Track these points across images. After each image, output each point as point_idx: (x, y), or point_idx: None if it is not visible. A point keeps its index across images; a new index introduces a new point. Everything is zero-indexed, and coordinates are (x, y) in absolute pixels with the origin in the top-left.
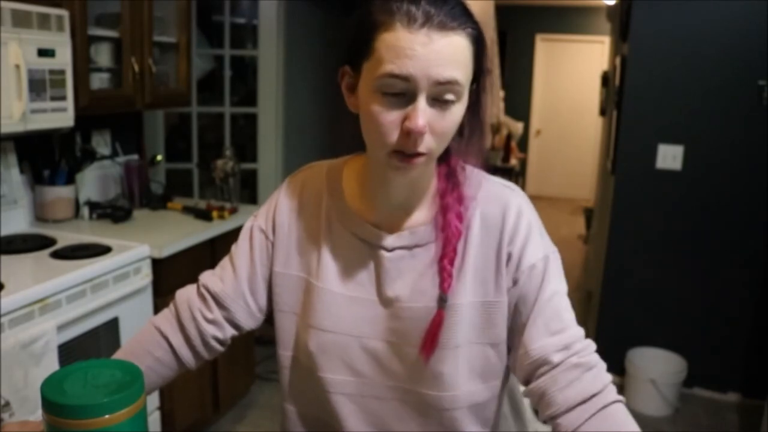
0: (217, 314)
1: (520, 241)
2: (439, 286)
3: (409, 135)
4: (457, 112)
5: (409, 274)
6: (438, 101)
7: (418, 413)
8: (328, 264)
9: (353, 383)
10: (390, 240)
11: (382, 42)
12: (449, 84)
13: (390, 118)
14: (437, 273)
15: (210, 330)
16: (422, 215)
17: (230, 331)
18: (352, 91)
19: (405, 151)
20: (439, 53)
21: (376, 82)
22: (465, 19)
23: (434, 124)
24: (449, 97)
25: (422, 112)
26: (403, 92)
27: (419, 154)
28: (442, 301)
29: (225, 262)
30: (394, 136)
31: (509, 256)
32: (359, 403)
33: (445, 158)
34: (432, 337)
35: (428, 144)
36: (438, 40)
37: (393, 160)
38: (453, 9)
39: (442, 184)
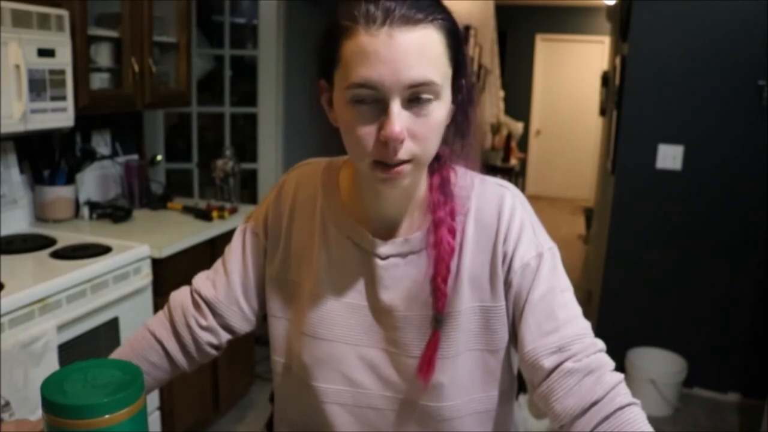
0: (211, 321)
1: (513, 241)
2: (433, 306)
3: (387, 144)
4: (438, 111)
5: (404, 282)
6: (414, 103)
7: (417, 424)
8: (323, 269)
9: (349, 393)
10: (384, 248)
11: (346, 49)
12: (423, 85)
13: (366, 128)
14: (431, 291)
15: (205, 337)
16: (416, 222)
17: (225, 336)
18: (331, 105)
19: (386, 162)
20: (405, 52)
21: (346, 93)
22: (432, 9)
23: (414, 128)
24: (425, 97)
25: (397, 118)
26: (375, 100)
27: (403, 162)
28: (437, 321)
29: (218, 265)
30: (372, 146)
31: (504, 256)
32: (355, 414)
33: (437, 168)
34: (429, 359)
35: (411, 150)
36: (401, 37)
37: (376, 172)
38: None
39: (434, 197)
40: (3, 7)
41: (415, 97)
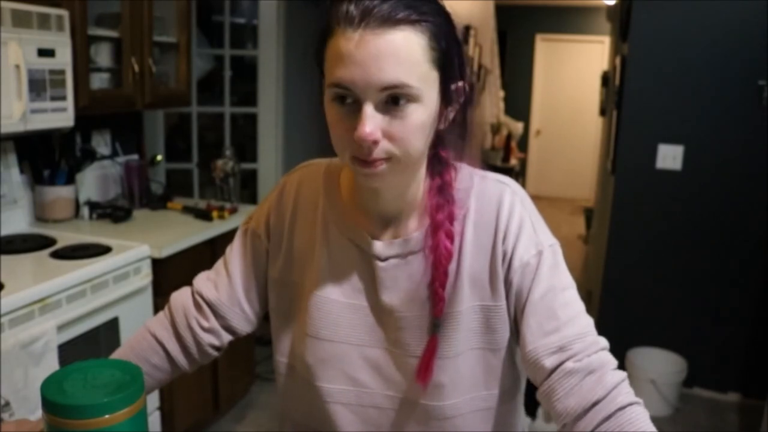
0: (213, 323)
1: (512, 239)
2: (431, 311)
3: (361, 144)
4: (418, 114)
5: (404, 282)
6: (391, 105)
7: (419, 422)
8: (325, 269)
9: (352, 393)
10: (383, 249)
11: (328, 49)
12: (395, 88)
13: (344, 126)
14: (428, 296)
15: (207, 338)
16: (415, 222)
17: (227, 338)
18: None
19: (362, 159)
20: (376, 56)
21: (328, 92)
22: (415, 10)
23: (390, 129)
24: (401, 101)
25: (369, 119)
26: (354, 100)
27: (379, 160)
28: (435, 327)
29: (219, 266)
30: (349, 144)
31: (504, 255)
32: (358, 413)
33: (439, 170)
34: (426, 363)
35: (387, 150)
36: (374, 40)
37: (355, 166)
38: None
39: (433, 200)
40: (3, 7)
41: (392, 99)
